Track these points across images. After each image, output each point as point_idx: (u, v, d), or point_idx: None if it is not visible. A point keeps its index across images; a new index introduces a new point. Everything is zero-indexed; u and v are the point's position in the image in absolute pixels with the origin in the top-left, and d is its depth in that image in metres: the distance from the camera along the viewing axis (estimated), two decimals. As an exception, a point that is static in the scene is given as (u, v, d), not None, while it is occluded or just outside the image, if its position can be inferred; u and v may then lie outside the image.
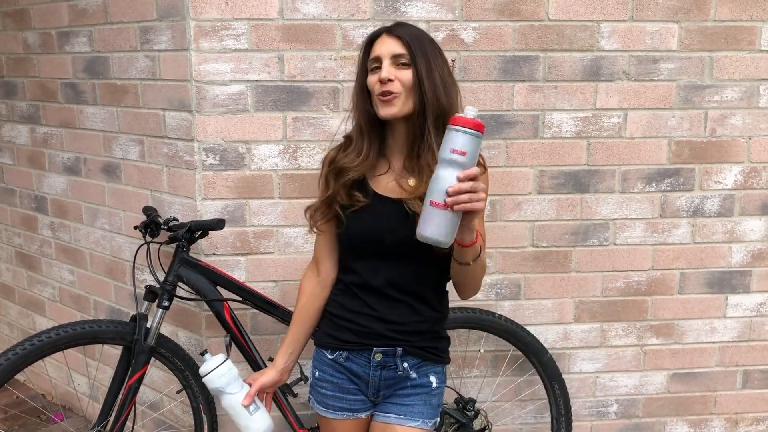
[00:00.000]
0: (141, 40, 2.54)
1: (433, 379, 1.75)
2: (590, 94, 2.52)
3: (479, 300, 2.64)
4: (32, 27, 2.98)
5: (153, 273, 2.26)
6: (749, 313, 2.79)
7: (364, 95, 1.66)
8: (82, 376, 3.20)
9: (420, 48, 1.58)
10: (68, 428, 3.12)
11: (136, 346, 2.21)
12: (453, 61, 2.44)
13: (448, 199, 1.38)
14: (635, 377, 2.80)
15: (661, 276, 2.71)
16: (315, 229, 1.76)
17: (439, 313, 1.76)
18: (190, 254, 2.31)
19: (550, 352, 2.60)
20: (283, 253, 2.54)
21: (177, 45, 2.41)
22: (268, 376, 1.88)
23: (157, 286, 2.27)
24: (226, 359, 1.93)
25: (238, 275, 2.52)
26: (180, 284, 2.28)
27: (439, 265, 1.67)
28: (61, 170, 3.04)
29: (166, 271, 2.28)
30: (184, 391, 2.43)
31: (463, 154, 1.38)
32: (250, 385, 1.88)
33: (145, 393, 2.91)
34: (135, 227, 2.41)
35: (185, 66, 2.39)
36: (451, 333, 2.64)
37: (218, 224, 2.27)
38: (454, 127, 1.39)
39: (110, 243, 2.89)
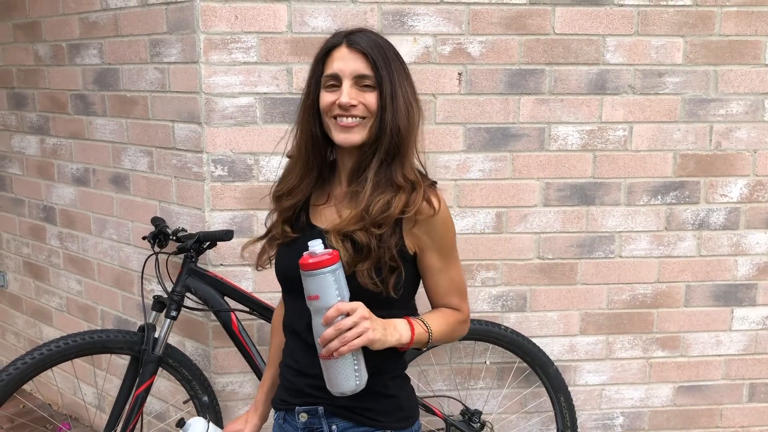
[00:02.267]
0: (151, 53, 2.57)
1: None
2: (596, 107, 2.54)
3: (485, 311, 2.64)
4: (43, 39, 3.02)
5: (161, 283, 2.27)
6: (755, 326, 2.79)
7: (312, 113, 1.41)
8: (90, 386, 3.21)
9: (386, 67, 1.34)
10: (74, 438, 3.13)
11: (143, 356, 2.22)
12: (459, 74, 2.46)
13: (323, 351, 1.23)
14: (641, 390, 2.79)
15: (666, 289, 2.71)
16: (259, 267, 1.54)
17: (377, 368, 1.37)
18: (198, 265, 2.32)
19: (555, 364, 2.60)
20: (290, 264, 2.55)
21: (187, 58, 2.43)
22: (252, 425, 1.67)
23: (165, 296, 2.28)
24: (209, 423, 1.72)
25: (246, 286, 2.54)
26: (188, 294, 2.30)
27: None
28: (70, 181, 3.06)
29: (174, 281, 2.29)
30: (190, 402, 2.44)
31: (317, 298, 1.23)
32: None
33: (151, 403, 2.91)
34: (143, 238, 2.43)
35: (195, 78, 2.42)
36: (456, 345, 2.66)
37: (226, 235, 2.29)
38: (302, 272, 1.24)
39: (118, 253, 2.91)
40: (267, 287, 2.56)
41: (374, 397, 1.40)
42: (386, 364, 1.41)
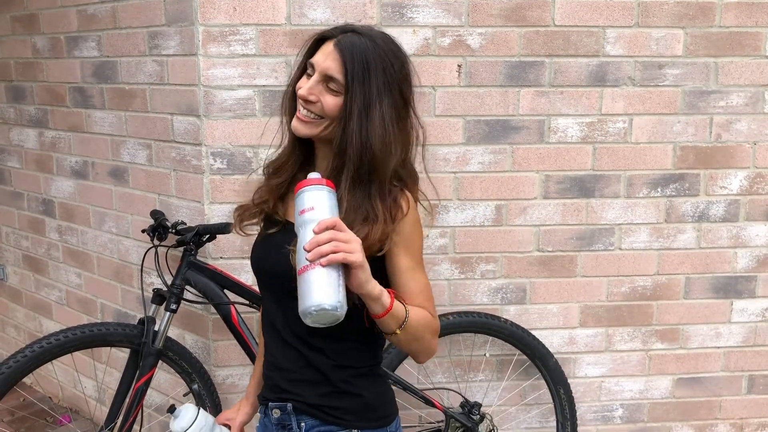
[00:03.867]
0: (149, 45, 2.56)
1: None
2: (596, 99, 2.53)
3: (485, 304, 2.65)
4: (41, 32, 3.01)
5: (161, 276, 2.27)
6: (754, 318, 2.79)
7: (293, 96, 1.39)
8: (90, 379, 3.21)
9: (363, 80, 1.27)
10: (75, 431, 3.13)
11: (143, 349, 2.23)
12: (459, 66, 2.46)
13: (308, 255, 1.14)
14: (640, 382, 2.80)
15: (666, 281, 2.71)
16: (240, 232, 1.52)
17: (339, 361, 1.37)
18: (198, 257, 2.32)
19: (555, 356, 2.60)
20: (289, 256, 2.55)
21: (185, 50, 2.43)
22: (244, 413, 1.69)
23: (165, 289, 2.28)
24: (199, 409, 1.72)
25: (245, 279, 2.54)
26: (187, 287, 2.30)
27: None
28: (69, 174, 3.06)
29: (173, 274, 2.29)
30: (191, 394, 2.44)
31: (312, 209, 1.20)
32: (227, 425, 1.69)
33: (151, 396, 2.92)
34: (143, 231, 2.43)
35: (193, 71, 2.41)
36: (456, 337, 2.66)
37: (226, 228, 2.29)
38: (297, 193, 1.23)
39: (117, 246, 2.91)
40: (266, 280, 2.55)
41: (339, 395, 1.38)
42: (348, 357, 1.38)
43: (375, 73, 1.28)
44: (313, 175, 1.25)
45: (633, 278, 2.69)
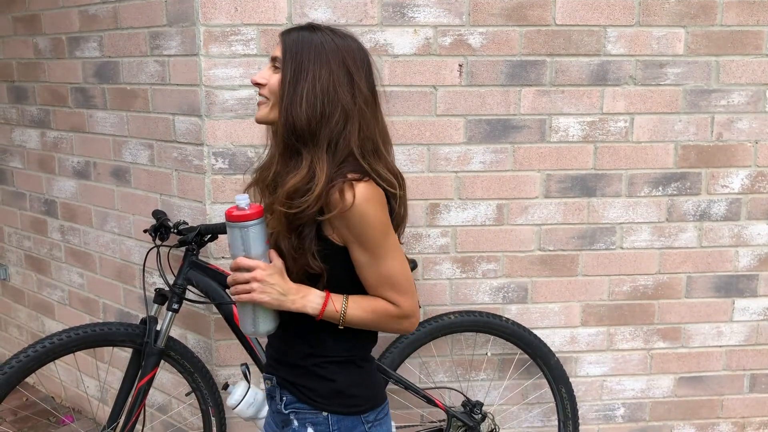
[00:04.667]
0: (151, 46, 2.56)
1: (310, 431, 1.45)
2: (597, 98, 2.53)
3: (486, 303, 2.65)
4: (43, 32, 3.01)
5: (163, 276, 2.28)
6: (756, 317, 2.79)
7: None
8: (92, 379, 3.22)
9: (295, 53, 1.34)
10: (78, 430, 3.14)
11: (145, 348, 2.23)
12: (460, 65, 2.46)
13: (230, 290, 1.39)
14: (642, 381, 2.80)
15: (667, 280, 2.71)
16: None
17: (315, 349, 1.45)
18: (200, 257, 2.33)
19: (557, 355, 2.61)
20: (291, 256, 2.56)
21: (186, 50, 2.43)
22: None
23: (167, 289, 2.29)
24: (249, 387, 1.94)
25: (247, 278, 2.54)
26: (189, 287, 2.30)
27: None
28: (71, 174, 3.07)
29: (175, 274, 2.29)
30: (193, 394, 2.44)
31: (229, 246, 1.37)
32: None
33: (154, 395, 2.92)
34: (145, 231, 2.44)
35: (195, 71, 2.41)
36: (458, 336, 2.66)
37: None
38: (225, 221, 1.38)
39: (120, 246, 2.91)
40: (268, 280, 2.56)
41: (311, 378, 1.45)
42: (323, 347, 1.45)
43: (309, 46, 1.35)
44: (241, 201, 1.33)
45: (634, 277, 2.69)
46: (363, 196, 1.31)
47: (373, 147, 1.40)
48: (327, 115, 1.33)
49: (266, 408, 1.89)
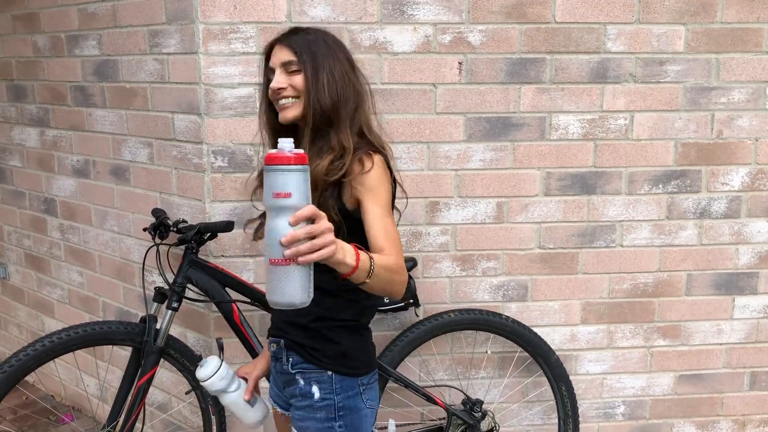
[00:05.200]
0: (150, 44, 2.56)
1: (315, 389, 1.61)
2: (597, 96, 2.53)
3: (486, 301, 2.65)
4: (42, 30, 3.01)
5: (162, 274, 2.28)
6: (756, 315, 2.79)
7: (267, 104, 1.69)
8: (92, 378, 3.22)
9: (308, 52, 1.57)
10: (78, 429, 3.14)
11: (145, 347, 2.23)
12: (460, 63, 2.45)
13: (287, 252, 1.18)
14: (642, 379, 2.80)
15: (668, 278, 2.71)
16: (258, 239, 1.78)
17: (320, 313, 1.62)
18: (199, 256, 2.32)
19: (557, 353, 2.60)
20: (290, 254, 2.55)
21: (186, 48, 2.43)
22: (260, 368, 1.95)
23: (167, 287, 2.29)
24: (222, 361, 1.97)
25: (247, 277, 2.54)
26: (189, 286, 2.30)
27: (320, 265, 1.36)
28: (71, 173, 3.06)
29: (175, 272, 2.29)
30: (192, 392, 2.44)
31: (288, 196, 1.18)
32: (245, 379, 1.96)
33: (153, 394, 2.92)
34: (144, 229, 2.43)
35: (194, 69, 2.41)
36: (458, 334, 2.66)
37: (227, 226, 2.29)
38: (270, 167, 1.19)
39: (119, 245, 2.91)
40: (268, 278, 2.56)
41: (320, 340, 1.62)
42: (335, 310, 1.63)
43: (316, 44, 1.59)
44: (285, 145, 1.21)
45: (634, 275, 2.69)
46: (378, 163, 1.56)
47: (370, 123, 1.66)
48: (346, 96, 1.59)
49: (234, 382, 1.95)
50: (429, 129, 2.49)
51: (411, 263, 2.47)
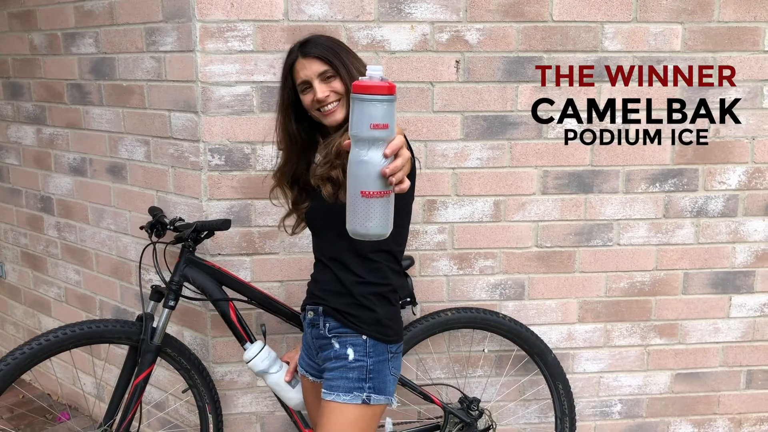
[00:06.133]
0: (147, 42, 2.55)
1: (350, 351, 1.77)
2: (594, 94, 2.53)
3: (483, 300, 2.65)
4: (38, 28, 3.00)
5: (159, 273, 2.27)
6: (753, 314, 2.79)
7: (287, 114, 1.83)
8: (89, 376, 3.21)
9: (336, 57, 1.73)
10: (74, 427, 3.13)
11: (142, 345, 2.23)
12: (457, 62, 2.45)
13: (393, 179, 1.23)
14: (639, 377, 2.80)
15: (664, 276, 2.71)
16: (294, 233, 2.04)
17: (361, 278, 1.78)
18: (196, 254, 2.32)
19: (554, 352, 2.61)
20: (288, 253, 2.56)
21: (183, 46, 2.42)
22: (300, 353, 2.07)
23: (163, 286, 2.28)
24: (264, 345, 2.22)
25: (244, 275, 2.54)
26: (186, 284, 2.30)
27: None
28: (67, 171, 3.06)
29: (172, 271, 2.29)
30: (189, 391, 2.44)
31: (386, 127, 1.16)
32: (287, 363, 2.22)
33: (150, 392, 2.92)
34: (141, 227, 2.43)
35: (191, 67, 2.40)
36: (455, 333, 2.66)
37: (224, 224, 2.28)
38: (366, 96, 1.15)
39: (116, 243, 2.90)
40: (265, 276, 2.56)
41: (357, 307, 1.77)
42: (375, 275, 1.78)
43: (335, 48, 1.75)
44: (375, 73, 1.17)
45: (631, 273, 2.69)
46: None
47: None
48: None
49: (276, 364, 2.18)
50: (426, 127, 2.49)
51: (408, 261, 2.47)
